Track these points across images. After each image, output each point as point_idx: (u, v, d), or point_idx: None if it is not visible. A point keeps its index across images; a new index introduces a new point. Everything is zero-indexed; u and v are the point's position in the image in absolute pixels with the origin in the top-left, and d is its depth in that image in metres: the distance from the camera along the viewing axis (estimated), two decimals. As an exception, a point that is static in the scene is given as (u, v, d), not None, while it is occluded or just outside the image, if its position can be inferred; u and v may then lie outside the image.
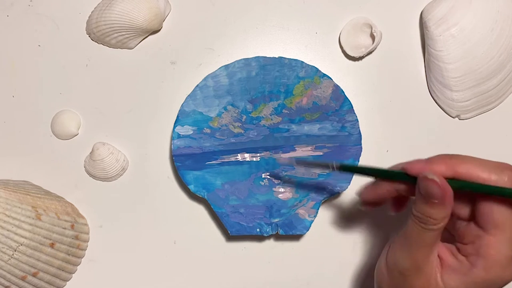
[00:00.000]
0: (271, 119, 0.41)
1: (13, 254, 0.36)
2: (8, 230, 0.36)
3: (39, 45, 0.43)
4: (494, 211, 0.27)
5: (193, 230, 0.42)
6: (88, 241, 0.42)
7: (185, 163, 0.40)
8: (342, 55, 0.43)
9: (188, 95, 0.40)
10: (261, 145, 0.41)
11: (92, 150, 0.42)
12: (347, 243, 0.42)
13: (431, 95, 0.42)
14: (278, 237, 0.42)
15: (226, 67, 0.40)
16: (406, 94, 0.42)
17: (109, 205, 0.43)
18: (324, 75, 0.40)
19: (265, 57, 0.40)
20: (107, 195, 0.43)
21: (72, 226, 0.40)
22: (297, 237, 0.42)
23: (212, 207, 0.39)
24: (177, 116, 0.40)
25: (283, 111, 0.41)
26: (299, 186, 0.40)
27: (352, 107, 0.40)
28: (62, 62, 0.43)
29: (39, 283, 0.38)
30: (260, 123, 0.41)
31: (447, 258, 0.29)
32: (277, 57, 0.40)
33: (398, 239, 0.30)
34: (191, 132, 0.40)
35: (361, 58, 0.43)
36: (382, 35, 0.42)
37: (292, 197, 0.40)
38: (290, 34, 0.43)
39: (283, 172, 0.41)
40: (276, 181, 0.41)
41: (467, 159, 0.28)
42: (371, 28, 0.41)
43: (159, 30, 0.43)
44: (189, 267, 0.42)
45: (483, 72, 0.39)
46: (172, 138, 0.40)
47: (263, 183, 0.41)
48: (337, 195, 0.41)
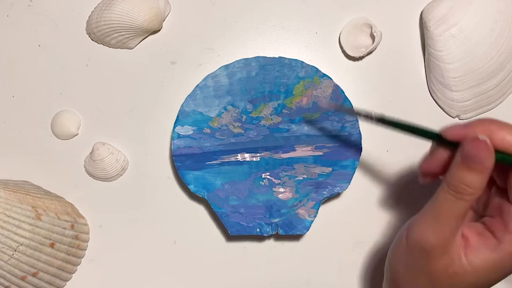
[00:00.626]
0: (271, 119, 0.41)
1: (13, 254, 0.36)
2: (8, 230, 0.36)
3: (39, 45, 0.43)
4: None
5: (193, 230, 0.42)
6: (88, 241, 0.42)
7: (185, 163, 0.40)
8: (342, 55, 0.43)
9: (188, 95, 0.40)
10: (261, 145, 0.41)
11: (92, 150, 0.42)
12: (347, 243, 0.42)
13: (431, 95, 0.42)
14: (278, 237, 0.42)
15: (226, 67, 0.40)
16: (406, 94, 0.42)
17: (109, 205, 0.43)
18: (324, 75, 0.40)
19: (265, 57, 0.40)
20: (107, 195, 0.43)
21: (72, 226, 0.40)
22: (297, 237, 0.42)
23: (212, 207, 0.39)
24: (177, 116, 0.40)
25: (283, 111, 0.41)
26: (299, 186, 0.40)
27: (352, 107, 0.40)
28: (62, 62, 0.43)
29: (39, 283, 0.38)
30: (260, 123, 0.41)
31: (472, 237, 0.27)
32: (277, 57, 0.40)
33: (424, 213, 0.28)
34: (191, 132, 0.40)
35: (361, 58, 0.43)
36: (382, 35, 0.42)
37: (292, 197, 0.40)
38: (290, 34, 0.43)
39: (283, 172, 0.41)
40: (276, 181, 0.41)
41: (505, 127, 0.26)
42: (371, 28, 0.41)
43: (159, 30, 0.43)
44: (189, 267, 0.42)
45: (483, 72, 0.39)
46: (172, 138, 0.40)
47: (263, 183, 0.41)
48: (337, 195, 0.41)
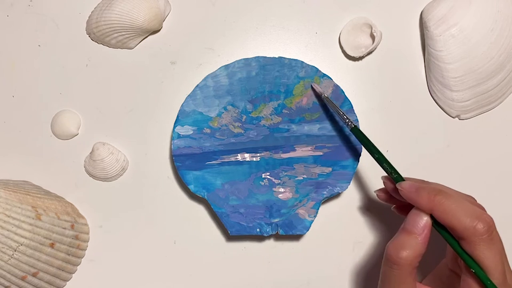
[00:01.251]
0: (271, 119, 0.41)
1: (13, 254, 0.36)
2: (8, 230, 0.36)
3: (39, 45, 0.43)
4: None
5: (193, 230, 0.42)
6: (88, 241, 0.42)
7: (185, 163, 0.40)
8: (342, 55, 0.43)
9: (188, 95, 0.40)
10: (261, 145, 0.41)
11: (92, 150, 0.42)
12: (347, 243, 0.42)
13: (431, 95, 0.42)
14: (278, 237, 0.42)
15: (226, 67, 0.40)
16: (406, 94, 0.42)
17: (109, 205, 0.43)
18: (324, 75, 0.40)
19: (265, 57, 0.40)
20: (107, 195, 0.43)
21: (72, 226, 0.40)
22: (297, 237, 0.42)
23: (212, 207, 0.39)
24: (177, 116, 0.40)
25: (283, 111, 0.41)
26: (299, 186, 0.40)
27: (352, 107, 0.40)
28: (62, 62, 0.43)
29: (39, 283, 0.38)
30: (260, 123, 0.41)
31: None
32: (277, 57, 0.40)
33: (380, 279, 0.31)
34: (191, 132, 0.40)
35: (361, 58, 0.43)
36: (382, 35, 0.42)
37: (292, 197, 0.40)
38: (290, 34, 0.43)
39: (283, 172, 0.41)
40: (276, 181, 0.41)
41: (449, 201, 0.28)
42: (371, 28, 0.41)
43: (159, 30, 0.43)
44: (189, 267, 0.42)
45: (483, 72, 0.39)
46: (172, 138, 0.40)
47: (263, 183, 0.41)
48: (337, 195, 0.41)
